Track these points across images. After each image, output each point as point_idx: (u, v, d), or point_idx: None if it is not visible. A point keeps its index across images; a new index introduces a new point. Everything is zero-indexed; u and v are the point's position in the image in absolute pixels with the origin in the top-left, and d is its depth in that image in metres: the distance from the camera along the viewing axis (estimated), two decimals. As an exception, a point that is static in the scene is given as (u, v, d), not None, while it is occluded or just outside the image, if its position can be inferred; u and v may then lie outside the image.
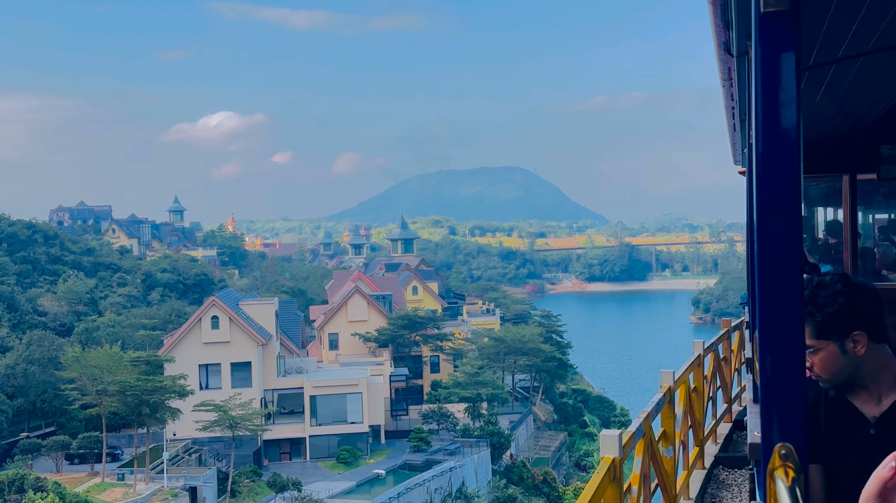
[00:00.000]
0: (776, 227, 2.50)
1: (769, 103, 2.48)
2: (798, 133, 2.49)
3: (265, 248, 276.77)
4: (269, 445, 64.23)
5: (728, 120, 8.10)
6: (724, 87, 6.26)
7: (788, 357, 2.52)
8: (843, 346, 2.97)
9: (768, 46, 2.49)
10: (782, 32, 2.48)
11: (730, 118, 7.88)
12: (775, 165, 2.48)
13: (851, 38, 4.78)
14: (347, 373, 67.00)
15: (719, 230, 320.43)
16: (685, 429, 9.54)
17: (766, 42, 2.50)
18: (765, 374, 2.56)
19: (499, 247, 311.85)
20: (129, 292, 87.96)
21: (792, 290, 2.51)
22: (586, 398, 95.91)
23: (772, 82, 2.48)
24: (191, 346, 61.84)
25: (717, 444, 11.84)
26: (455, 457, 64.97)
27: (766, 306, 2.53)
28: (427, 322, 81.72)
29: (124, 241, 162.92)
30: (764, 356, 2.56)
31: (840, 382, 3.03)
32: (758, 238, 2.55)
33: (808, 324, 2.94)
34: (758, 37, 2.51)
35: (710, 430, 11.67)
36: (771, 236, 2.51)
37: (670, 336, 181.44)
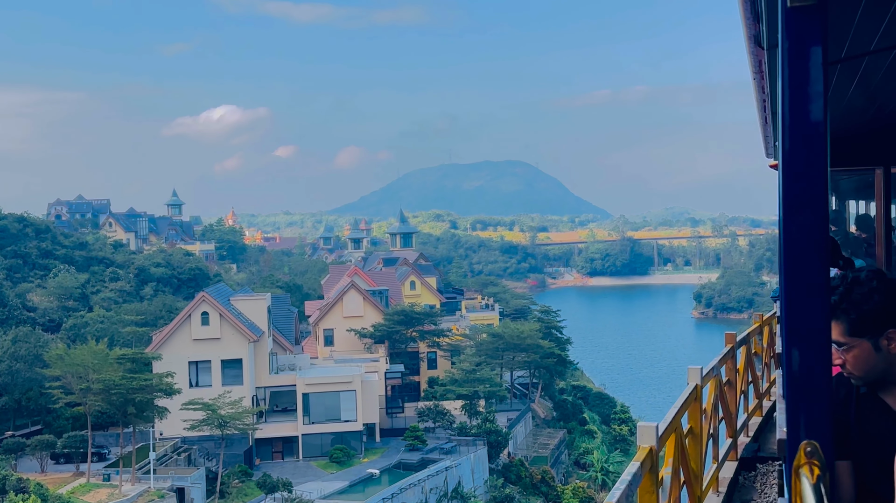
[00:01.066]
0: (803, 220, 2.51)
1: (797, 97, 2.50)
2: (826, 127, 2.50)
3: (265, 243, 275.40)
4: (261, 444, 62.80)
5: (759, 113, 8.08)
6: (755, 80, 6.25)
7: (815, 353, 2.53)
8: (878, 344, 2.95)
9: (796, 41, 2.51)
10: (810, 27, 2.50)
11: (761, 111, 7.88)
12: (803, 159, 2.50)
13: (884, 30, 4.74)
14: (341, 371, 65.54)
15: (722, 224, 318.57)
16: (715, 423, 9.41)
17: (793, 36, 2.52)
18: (791, 370, 2.56)
19: (500, 241, 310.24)
20: (122, 287, 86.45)
21: (818, 285, 2.51)
22: (586, 395, 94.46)
23: (800, 76, 2.51)
24: (180, 343, 60.37)
25: (749, 437, 11.74)
26: (451, 456, 63.51)
27: (793, 301, 2.53)
28: (424, 317, 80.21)
29: (121, 236, 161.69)
30: (790, 351, 2.56)
31: (873, 380, 3.01)
32: (785, 232, 2.56)
33: (841, 321, 2.93)
34: (785, 31, 2.54)
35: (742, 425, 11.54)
36: (798, 230, 2.52)
37: (672, 331, 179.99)
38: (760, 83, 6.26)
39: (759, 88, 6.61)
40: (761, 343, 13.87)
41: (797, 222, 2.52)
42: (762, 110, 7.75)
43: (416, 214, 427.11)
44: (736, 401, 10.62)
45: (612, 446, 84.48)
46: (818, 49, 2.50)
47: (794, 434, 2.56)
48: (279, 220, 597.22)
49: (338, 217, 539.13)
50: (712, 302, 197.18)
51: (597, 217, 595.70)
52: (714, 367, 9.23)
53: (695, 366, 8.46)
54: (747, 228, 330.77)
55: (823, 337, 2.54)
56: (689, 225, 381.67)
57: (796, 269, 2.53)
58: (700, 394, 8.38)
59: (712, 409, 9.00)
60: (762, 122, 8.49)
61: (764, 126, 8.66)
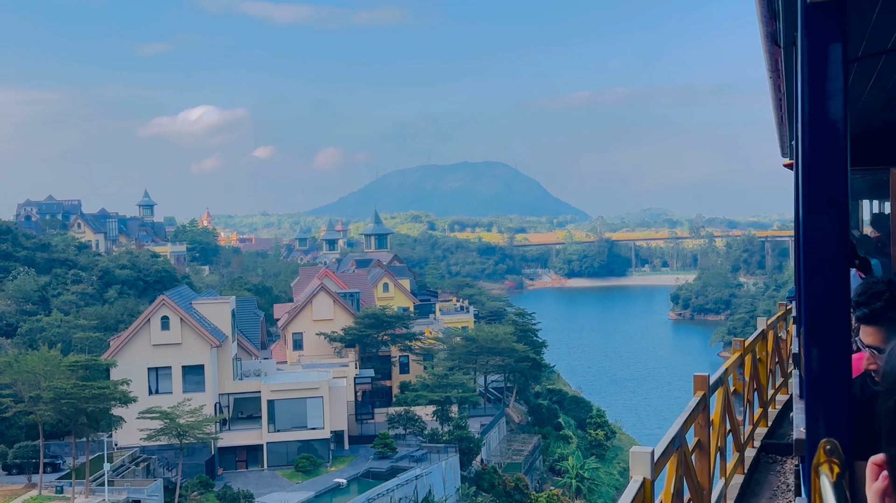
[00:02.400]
0: (823, 219, 2.48)
1: (816, 95, 2.46)
2: (846, 125, 2.47)
3: (240, 244, 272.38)
4: (225, 453, 60.61)
5: (775, 112, 7.96)
6: (772, 78, 6.16)
7: (834, 352, 2.50)
8: None
9: (815, 37, 2.48)
10: (829, 23, 2.46)
11: (777, 110, 7.76)
12: (822, 158, 2.46)
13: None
14: (308, 376, 63.46)
15: (699, 225, 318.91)
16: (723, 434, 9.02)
17: (812, 33, 2.48)
18: (810, 370, 2.55)
19: (477, 242, 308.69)
20: (84, 290, 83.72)
21: (838, 285, 2.49)
22: (562, 398, 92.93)
23: (819, 73, 2.47)
24: (139, 349, 58.05)
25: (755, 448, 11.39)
26: (422, 464, 61.67)
27: (812, 301, 2.50)
28: (395, 321, 78.21)
29: (90, 237, 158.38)
30: (809, 351, 2.55)
31: None
32: (804, 231, 2.55)
33: (884, 327, 2.82)
34: (804, 28, 2.51)
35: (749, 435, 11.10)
36: (817, 229, 2.49)
37: (649, 332, 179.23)
38: (777, 82, 6.12)
39: (775, 87, 6.43)
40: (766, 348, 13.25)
41: (816, 222, 2.45)
42: (778, 109, 7.55)
43: (394, 215, 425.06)
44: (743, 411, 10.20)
45: (588, 451, 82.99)
46: (838, 46, 2.44)
47: (813, 433, 2.53)
48: (256, 221, 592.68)
49: (315, 218, 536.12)
50: (689, 303, 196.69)
51: (575, 218, 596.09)
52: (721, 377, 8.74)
53: (701, 374, 7.96)
54: (724, 229, 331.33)
55: (843, 336, 2.49)
56: (666, 226, 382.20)
57: (815, 269, 2.46)
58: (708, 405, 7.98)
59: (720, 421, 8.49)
60: (777, 121, 8.29)
61: (780, 125, 8.46)
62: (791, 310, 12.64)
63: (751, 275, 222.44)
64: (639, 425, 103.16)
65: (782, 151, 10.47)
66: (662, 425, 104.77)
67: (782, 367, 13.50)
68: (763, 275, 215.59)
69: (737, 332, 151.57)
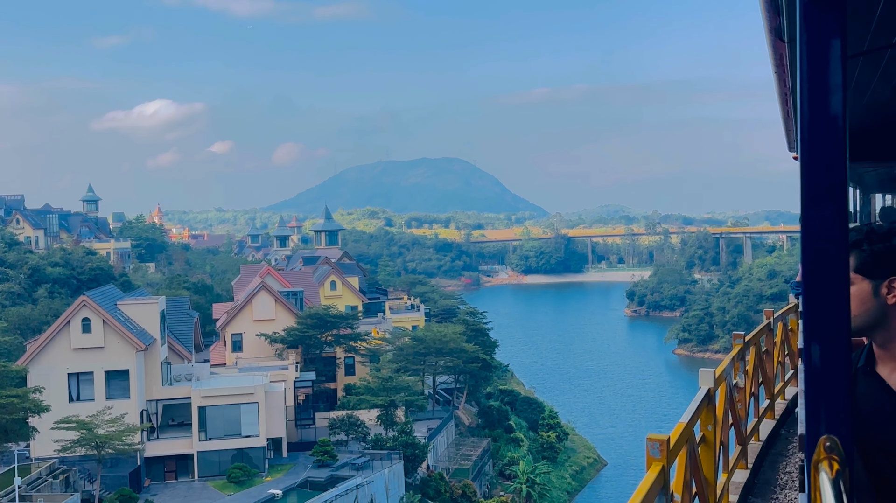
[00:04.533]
0: (823, 214, 2.51)
1: (815, 90, 2.51)
2: (845, 121, 2.51)
3: (192, 240, 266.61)
4: (153, 463, 57.03)
5: (781, 106, 7.98)
6: (777, 73, 6.20)
7: (835, 347, 2.52)
8: (878, 288, 2.95)
9: (814, 34, 2.52)
10: (828, 19, 2.51)
11: (783, 105, 7.79)
12: (822, 153, 2.51)
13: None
14: (242, 381, 60.09)
15: (655, 222, 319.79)
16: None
17: (811, 29, 2.53)
18: (811, 365, 2.56)
19: (434, 238, 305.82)
20: (10, 289, 79.18)
21: (838, 279, 2.52)
22: (514, 399, 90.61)
23: (818, 69, 2.51)
24: (58, 353, 54.17)
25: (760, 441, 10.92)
26: (363, 472, 58.66)
27: (813, 296, 2.53)
28: (339, 320, 75.08)
29: (29, 232, 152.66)
30: (810, 346, 2.56)
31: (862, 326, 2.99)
32: (804, 226, 2.57)
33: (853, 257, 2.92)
34: (803, 24, 2.55)
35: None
36: (818, 224, 2.52)
37: (604, 329, 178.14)
38: (782, 76, 6.15)
39: (781, 82, 6.46)
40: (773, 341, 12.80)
41: (817, 216, 2.49)
42: (784, 104, 7.59)
43: (351, 211, 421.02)
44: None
45: (539, 454, 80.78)
46: (837, 42, 2.46)
47: (813, 429, 2.53)
48: (211, 217, 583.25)
49: (272, 214, 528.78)
50: (645, 300, 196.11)
51: (534, 214, 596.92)
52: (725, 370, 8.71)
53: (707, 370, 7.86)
54: (680, 226, 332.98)
55: (844, 331, 2.46)
56: (623, 222, 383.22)
57: (816, 263, 2.48)
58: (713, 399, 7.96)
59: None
60: (784, 115, 8.36)
61: (786, 119, 8.54)
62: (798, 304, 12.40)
63: (705, 272, 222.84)
64: (591, 425, 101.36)
65: (789, 146, 10.48)
66: (615, 424, 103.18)
67: (792, 360, 13.27)
68: (717, 271, 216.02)
69: (691, 329, 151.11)
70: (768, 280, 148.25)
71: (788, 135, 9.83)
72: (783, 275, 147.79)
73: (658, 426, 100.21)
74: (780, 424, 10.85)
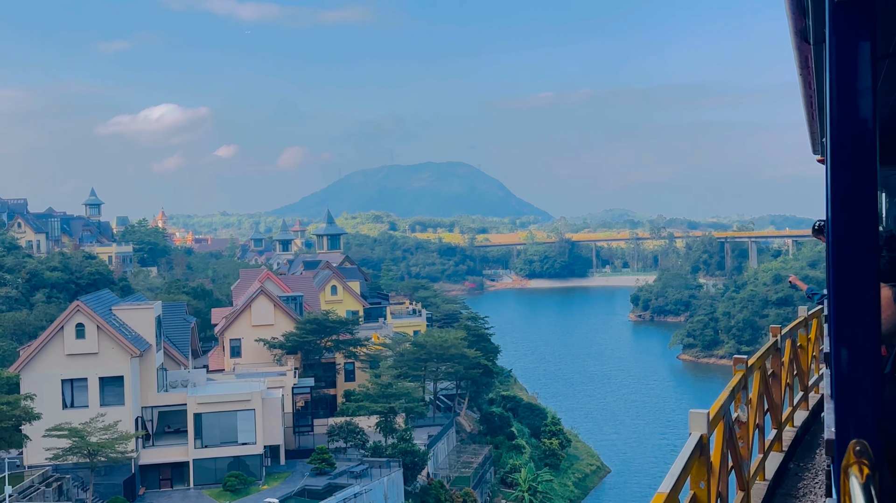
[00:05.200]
0: (851, 218, 2.50)
1: (844, 93, 2.50)
2: (874, 123, 2.50)
3: (196, 244, 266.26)
4: (148, 470, 56.13)
5: (806, 109, 7.96)
6: (802, 75, 6.21)
7: (864, 351, 2.51)
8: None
9: (843, 36, 2.51)
10: (857, 21, 2.50)
11: (808, 107, 7.75)
12: (851, 155, 2.49)
13: None
14: (238, 387, 59.18)
15: (660, 226, 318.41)
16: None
17: (840, 32, 2.52)
18: (839, 369, 2.55)
19: (438, 243, 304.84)
20: (8, 293, 78.42)
21: (867, 284, 2.51)
22: (516, 406, 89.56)
23: (847, 72, 2.50)
24: (52, 359, 53.34)
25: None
26: (362, 481, 57.67)
27: (841, 300, 2.52)
28: (339, 326, 74.14)
29: (31, 237, 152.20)
30: (839, 349, 2.54)
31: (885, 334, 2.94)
32: (832, 230, 2.56)
33: None
34: (832, 27, 2.55)
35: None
36: (846, 227, 2.51)
37: (609, 334, 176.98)
38: (807, 78, 6.15)
39: (806, 84, 6.47)
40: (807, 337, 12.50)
41: (845, 219, 2.47)
42: (809, 106, 7.55)
43: (355, 215, 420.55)
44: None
45: (542, 462, 79.73)
46: (866, 44, 2.46)
47: (842, 433, 2.52)
48: (215, 221, 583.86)
49: (276, 218, 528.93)
50: (649, 304, 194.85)
51: (538, 219, 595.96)
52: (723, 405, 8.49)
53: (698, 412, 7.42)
54: (685, 230, 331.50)
55: (873, 335, 2.45)
56: (628, 226, 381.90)
57: (844, 266, 2.45)
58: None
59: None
60: (809, 118, 8.33)
61: (811, 122, 8.51)
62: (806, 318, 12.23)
63: (710, 277, 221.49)
64: (595, 431, 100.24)
65: (813, 149, 10.41)
66: (619, 431, 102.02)
67: (801, 381, 13.09)
68: (722, 276, 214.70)
69: (696, 335, 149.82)
70: (774, 285, 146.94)
71: (813, 138, 9.72)
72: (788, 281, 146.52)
73: (661, 433, 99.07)
74: (789, 456, 9.98)
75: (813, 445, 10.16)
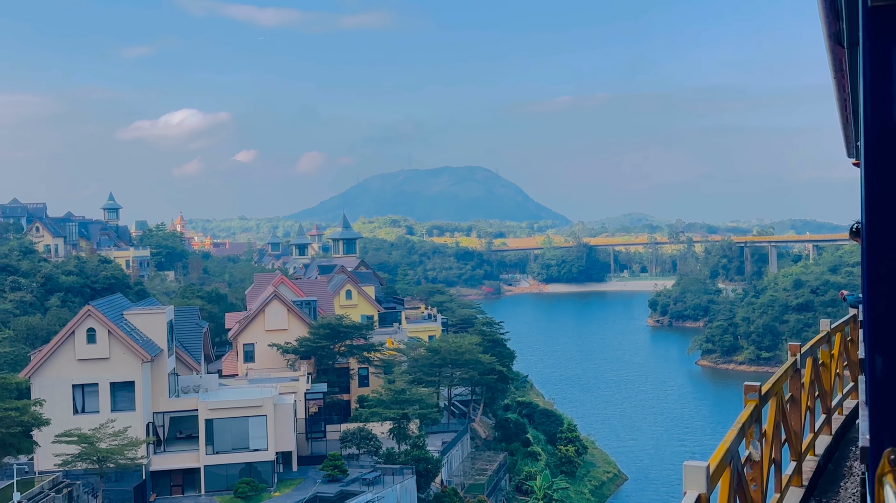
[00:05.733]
0: (887, 221, 2.44)
1: (879, 96, 2.48)
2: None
3: (213, 248, 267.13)
4: (159, 476, 55.73)
5: (840, 112, 7.86)
6: (836, 78, 6.16)
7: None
8: None
9: (877, 41, 2.50)
10: (892, 25, 2.47)
11: (842, 110, 7.64)
12: (885, 158, 2.46)
13: None
14: (250, 393, 58.66)
15: (678, 230, 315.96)
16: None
17: (874, 36, 2.51)
18: (874, 376, 2.49)
19: (455, 247, 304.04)
20: (22, 297, 78.46)
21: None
22: (532, 412, 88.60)
23: (881, 76, 2.49)
24: (63, 364, 53.06)
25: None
26: (374, 488, 56.96)
27: (877, 304, 2.45)
28: (352, 331, 73.55)
29: (49, 241, 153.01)
30: (873, 356, 2.48)
31: None
32: (867, 232, 2.52)
33: None
34: (866, 31, 2.55)
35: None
36: (882, 230, 2.46)
37: (626, 339, 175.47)
38: (841, 82, 6.11)
39: (840, 87, 6.41)
40: None
41: (880, 222, 2.40)
42: (843, 109, 7.41)
43: (373, 220, 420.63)
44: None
45: (557, 469, 78.71)
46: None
47: (877, 442, 2.45)
48: (234, 226, 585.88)
49: (295, 222, 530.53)
50: (667, 309, 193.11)
51: (556, 223, 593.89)
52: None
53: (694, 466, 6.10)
54: (704, 235, 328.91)
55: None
56: (646, 231, 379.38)
57: (879, 270, 2.36)
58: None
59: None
60: (843, 121, 8.22)
61: (845, 125, 8.45)
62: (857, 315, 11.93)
63: (729, 282, 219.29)
64: (612, 438, 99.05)
65: (848, 152, 10.28)
66: (637, 438, 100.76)
67: (851, 371, 12.56)
68: (742, 281, 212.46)
69: (715, 340, 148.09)
70: (794, 290, 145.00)
71: (847, 140, 9.56)
72: (809, 286, 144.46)
73: (679, 440, 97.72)
74: (810, 491, 9.12)
75: (837, 476, 9.24)
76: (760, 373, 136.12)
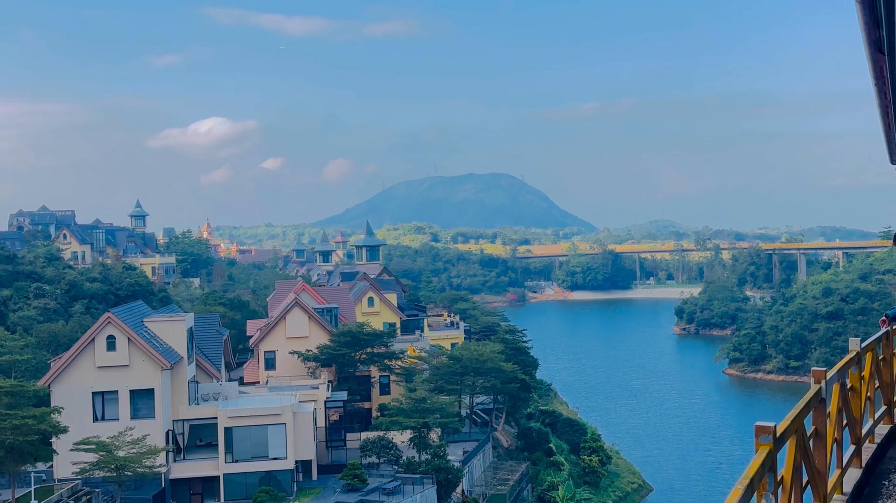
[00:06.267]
0: None
1: None
2: None
3: (239, 255, 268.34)
4: (178, 484, 55.51)
5: (882, 118, 7.80)
6: (877, 85, 6.17)
7: None
8: None
9: None
10: None
11: (884, 116, 7.63)
12: None
13: None
14: (269, 401, 58.34)
15: (705, 237, 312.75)
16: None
17: None
18: None
19: (479, 254, 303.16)
20: (46, 304, 78.91)
21: None
22: (555, 421, 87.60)
23: None
24: (83, 371, 53.08)
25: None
26: (394, 498, 56.38)
27: None
28: (373, 338, 73.10)
29: (76, 248, 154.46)
30: None
31: None
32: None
33: None
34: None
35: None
36: None
37: (652, 348, 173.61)
38: (882, 88, 6.15)
39: (881, 94, 6.47)
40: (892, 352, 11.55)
41: None
42: (885, 115, 7.49)
43: (397, 227, 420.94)
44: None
45: (581, 479, 77.65)
46: None
47: None
48: (260, 233, 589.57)
49: (321, 229, 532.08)
50: (694, 317, 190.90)
51: (581, 230, 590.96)
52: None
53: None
54: (731, 242, 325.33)
55: None
56: (673, 238, 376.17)
57: None
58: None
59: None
60: (885, 127, 8.27)
61: (887, 131, 8.49)
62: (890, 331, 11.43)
63: (757, 289, 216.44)
64: (636, 447, 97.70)
65: (891, 158, 10.24)
66: (662, 447, 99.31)
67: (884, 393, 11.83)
68: (770, 289, 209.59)
69: (742, 349, 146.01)
70: (823, 298, 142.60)
71: (890, 146, 9.56)
72: (839, 294, 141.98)
73: (706, 451, 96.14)
74: None
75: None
76: (789, 382, 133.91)
